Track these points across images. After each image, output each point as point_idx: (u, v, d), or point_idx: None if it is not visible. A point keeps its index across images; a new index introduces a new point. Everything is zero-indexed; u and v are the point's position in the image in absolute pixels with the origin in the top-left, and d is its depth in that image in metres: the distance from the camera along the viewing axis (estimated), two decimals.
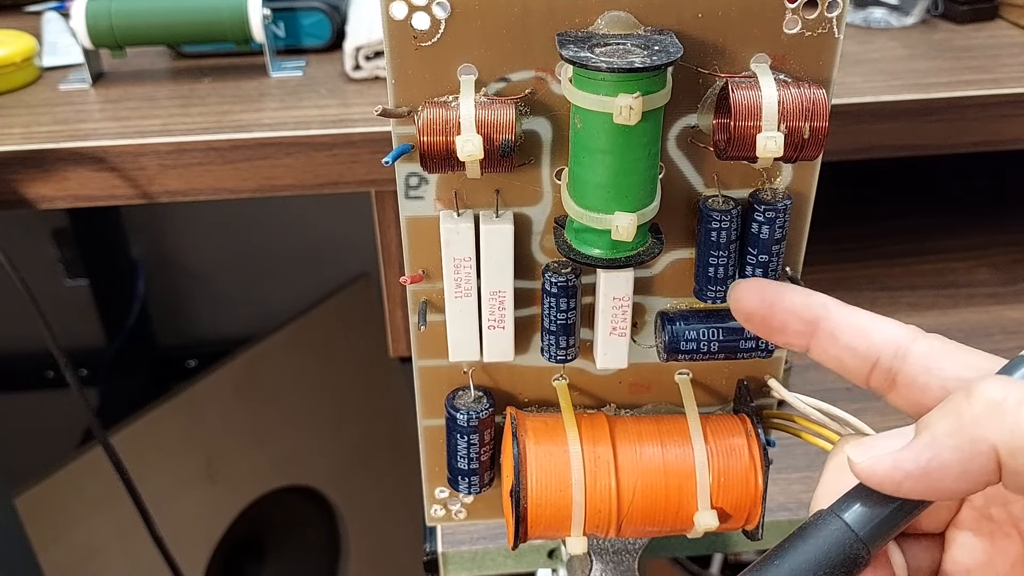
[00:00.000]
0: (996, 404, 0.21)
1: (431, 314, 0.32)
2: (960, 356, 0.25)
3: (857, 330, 0.26)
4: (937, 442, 0.22)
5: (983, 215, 0.72)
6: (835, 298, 0.27)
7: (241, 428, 1.03)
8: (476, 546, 0.46)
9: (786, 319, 0.27)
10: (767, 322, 0.27)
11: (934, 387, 0.24)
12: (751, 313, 0.27)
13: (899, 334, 0.25)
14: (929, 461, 0.22)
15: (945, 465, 0.21)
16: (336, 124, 0.49)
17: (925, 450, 0.22)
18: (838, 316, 0.26)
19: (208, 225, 1.16)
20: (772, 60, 0.28)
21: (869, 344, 0.25)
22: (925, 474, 0.22)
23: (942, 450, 0.22)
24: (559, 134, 0.29)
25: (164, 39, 0.56)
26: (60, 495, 0.91)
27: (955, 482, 0.21)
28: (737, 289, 0.28)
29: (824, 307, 0.26)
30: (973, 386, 0.22)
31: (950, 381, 0.24)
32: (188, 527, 0.97)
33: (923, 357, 0.25)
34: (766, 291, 0.27)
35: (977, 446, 0.21)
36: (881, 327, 0.26)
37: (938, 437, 0.22)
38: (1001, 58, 0.55)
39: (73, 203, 0.50)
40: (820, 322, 0.26)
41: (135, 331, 1.15)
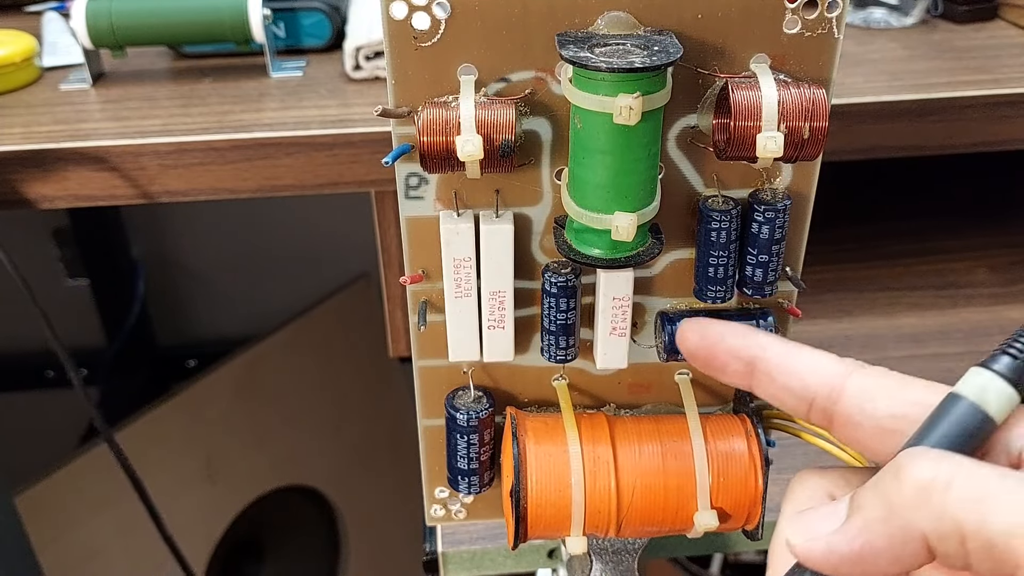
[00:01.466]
0: (923, 488, 0.21)
1: (431, 314, 0.32)
2: (894, 393, 0.24)
3: (791, 371, 0.26)
4: (868, 527, 0.22)
5: (983, 215, 0.72)
6: (776, 336, 0.27)
7: (241, 428, 1.03)
8: (476, 546, 0.46)
9: (726, 360, 0.27)
10: (708, 362, 0.28)
11: (868, 425, 0.24)
12: (692, 352, 0.28)
13: (832, 373, 0.25)
14: (861, 547, 0.22)
15: (877, 551, 0.21)
16: (336, 124, 0.49)
17: (857, 535, 0.22)
18: (774, 357, 0.26)
19: (208, 225, 1.16)
20: (772, 60, 0.28)
21: (803, 385, 0.26)
22: (859, 559, 0.22)
23: (873, 535, 0.21)
24: (559, 134, 0.29)
25: (164, 39, 0.56)
26: (60, 495, 0.91)
27: (889, 566, 0.21)
28: (682, 327, 0.28)
29: (761, 348, 0.27)
30: (902, 466, 0.21)
31: (884, 420, 0.24)
32: (188, 527, 0.97)
33: (856, 396, 0.25)
34: (707, 331, 0.28)
35: (907, 532, 0.21)
36: (815, 367, 0.26)
37: (869, 521, 0.22)
38: (1001, 58, 0.55)
39: (73, 203, 0.50)
40: (757, 363, 0.26)
41: (135, 331, 1.15)
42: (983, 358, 0.23)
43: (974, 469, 0.21)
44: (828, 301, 0.62)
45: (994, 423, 0.23)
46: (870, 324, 0.60)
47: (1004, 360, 0.23)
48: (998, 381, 0.23)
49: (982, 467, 0.21)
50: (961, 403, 0.23)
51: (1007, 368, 0.23)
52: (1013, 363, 0.23)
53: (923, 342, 0.58)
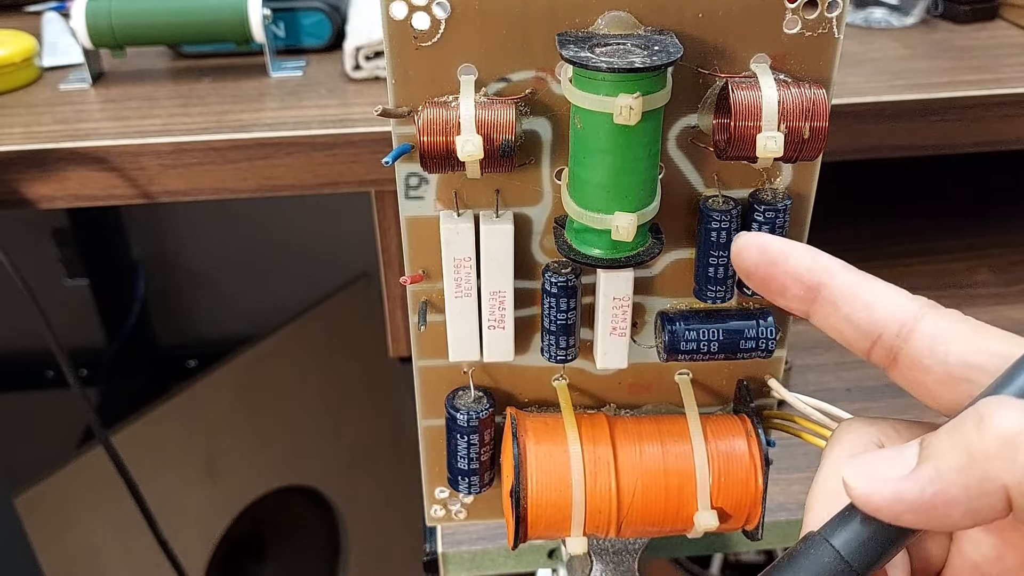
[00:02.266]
0: (1009, 440, 0.19)
1: (431, 314, 0.32)
2: (970, 340, 0.23)
3: (859, 302, 0.24)
4: (943, 476, 0.20)
5: (984, 215, 0.72)
6: (844, 263, 0.25)
7: (241, 428, 1.03)
8: (476, 546, 0.46)
9: (786, 282, 0.25)
10: (766, 283, 0.25)
11: (937, 371, 0.23)
12: (750, 270, 0.25)
13: (905, 310, 0.23)
14: (934, 496, 0.20)
15: (951, 501, 0.20)
16: (336, 124, 0.49)
17: (930, 483, 0.20)
18: (841, 284, 0.24)
19: (208, 225, 1.16)
20: (772, 60, 0.28)
21: (871, 319, 0.24)
22: (929, 508, 0.20)
23: (949, 485, 0.20)
24: (559, 134, 0.29)
25: (164, 39, 0.56)
26: (60, 495, 0.91)
27: (960, 518, 0.20)
28: (739, 240, 0.26)
29: (828, 272, 0.24)
30: (985, 414, 0.20)
31: (955, 367, 0.22)
32: (188, 527, 0.97)
33: (928, 338, 0.23)
34: (769, 248, 0.25)
35: (987, 485, 0.20)
36: (886, 301, 0.24)
37: (944, 471, 0.20)
38: (1002, 58, 0.55)
39: (73, 203, 0.50)
40: (821, 289, 0.24)
41: (135, 331, 1.15)
42: None
43: None
44: None
45: None
46: None
47: None
48: None
49: None
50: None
51: None
52: None
53: None
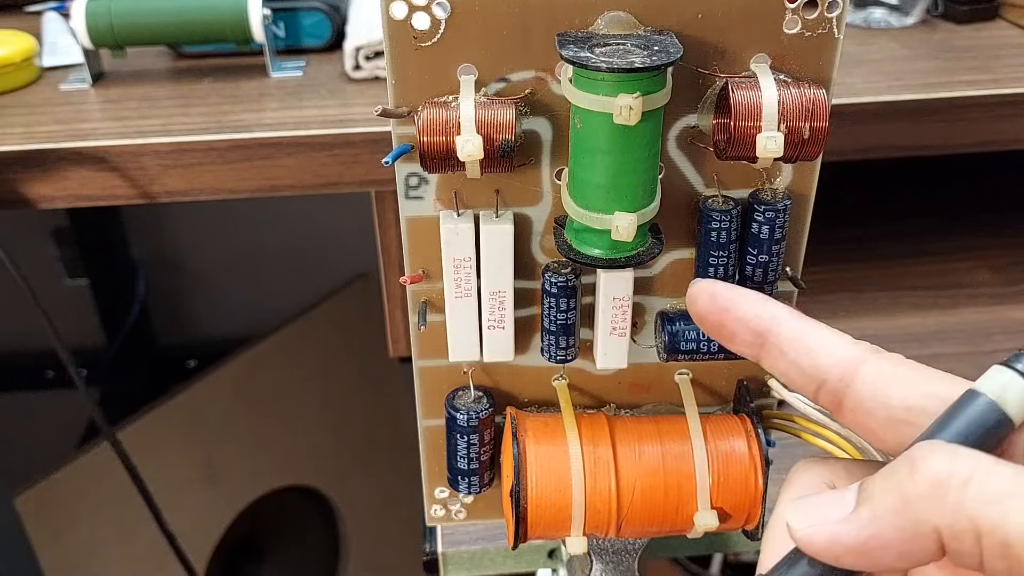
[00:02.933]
0: (939, 483, 0.20)
1: (431, 314, 0.32)
2: (911, 383, 0.23)
3: (804, 348, 0.25)
4: (878, 519, 0.21)
5: (984, 215, 0.72)
6: (791, 309, 0.26)
7: (241, 428, 1.03)
8: (476, 546, 0.46)
9: (735, 328, 0.26)
10: (717, 328, 0.26)
11: (880, 414, 0.23)
12: (701, 316, 0.27)
13: (847, 356, 0.24)
14: (869, 539, 0.21)
15: (886, 544, 0.21)
16: (336, 124, 0.49)
17: (866, 526, 0.21)
18: (787, 331, 0.25)
19: (208, 225, 1.16)
20: (772, 60, 0.28)
21: (815, 365, 0.24)
22: (865, 550, 0.21)
23: (883, 528, 0.21)
24: (559, 134, 0.29)
25: (164, 39, 0.56)
26: (60, 495, 0.91)
27: (895, 560, 0.21)
28: (693, 288, 0.27)
29: (775, 320, 0.25)
30: (918, 458, 0.21)
31: (897, 411, 0.23)
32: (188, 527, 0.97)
33: (870, 384, 0.24)
34: (719, 296, 0.26)
35: (919, 527, 0.20)
36: (828, 347, 0.24)
37: (879, 512, 0.21)
38: (1001, 58, 0.55)
39: (73, 203, 0.50)
40: (769, 335, 0.25)
41: (135, 331, 1.15)
42: (1004, 356, 0.23)
43: (993, 467, 0.20)
44: (828, 301, 0.62)
45: (1012, 424, 0.22)
46: (870, 324, 0.60)
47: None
48: (1020, 381, 0.22)
49: (1001, 465, 0.20)
50: (979, 400, 0.22)
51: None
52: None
53: (923, 342, 0.58)
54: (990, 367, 0.23)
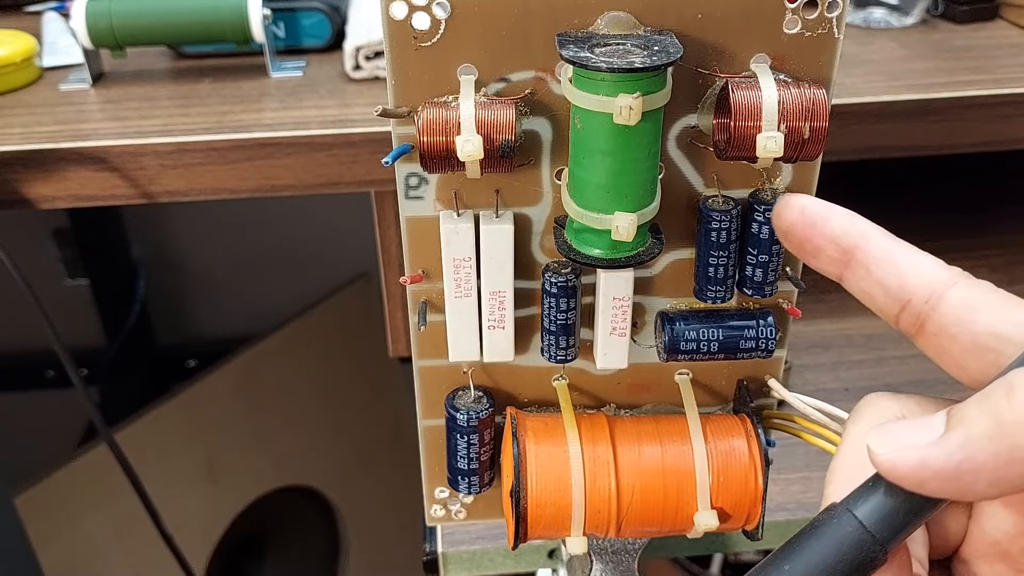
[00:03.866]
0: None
1: (431, 314, 0.32)
2: (1000, 310, 0.22)
3: (891, 267, 0.24)
4: (972, 443, 0.20)
5: (983, 215, 0.72)
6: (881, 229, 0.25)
7: (241, 428, 1.03)
8: (476, 546, 0.46)
9: (822, 243, 0.25)
10: (802, 243, 0.25)
11: (964, 340, 0.22)
12: (787, 231, 0.26)
13: (936, 277, 0.23)
14: (961, 463, 0.20)
15: (979, 469, 0.20)
16: (336, 124, 0.49)
17: (958, 450, 0.20)
18: (876, 249, 0.24)
19: (208, 225, 1.16)
20: (772, 60, 0.28)
21: (902, 284, 0.24)
22: (956, 476, 0.20)
23: (977, 452, 0.20)
24: (559, 134, 0.29)
25: (164, 39, 0.56)
26: (60, 495, 0.91)
27: (987, 487, 0.20)
28: (780, 202, 0.26)
29: (863, 236, 0.24)
30: (1016, 384, 0.20)
31: (983, 336, 0.22)
32: (188, 527, 0.97)
33: (957, 307, 0.23)
34: (808, 210, 0.25)
35: (1016, 453, 0.19)
36: (918, 267, 0.24)
37: (973, 438, 0.20)
38: (1001, 58, 0.55)
39: (73, 203, 0.50)
40: (856, 252, 0.24)
41: (135, 331, 1.15)
42: None
43: None
44: (828, 301, 0.62)
45: None
46: (870, 324, 0.60)
47: None
48: None
49: None
50: None
51: None
52: None
53: None
54: None
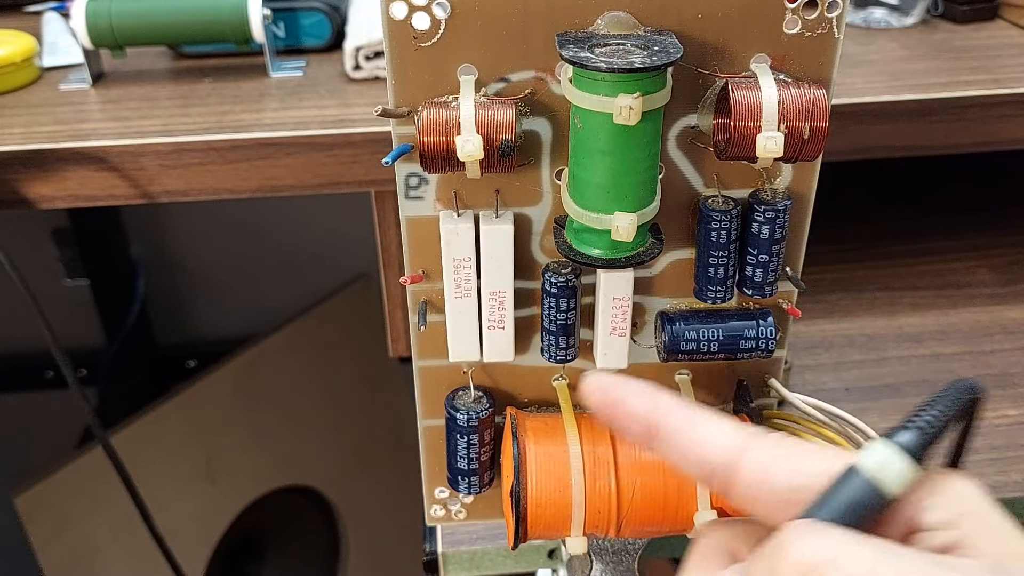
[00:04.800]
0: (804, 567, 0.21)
1: (431, 314, 0.32)
2: (791, 463, 0.24)
3: (690, 441, 0.26)
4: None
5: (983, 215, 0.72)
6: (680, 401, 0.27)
7: (241, 428, 1.03)
8: (476, 546, 0.46)
9: (626, 422, 0.27)
10: (611, 421, 0.27)
11: (766, 500, 0.24)
12: (595, 409, 0.27)
13: (729, 444, 0.25)
14: None
15: None
16: (336, 124, 0.49)
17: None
18: (675, 424, 0.26)
19: (208, 225, 1.16)
20: (772, 60, 0.28)
21: (702, 456, 0.25)
22: None
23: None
24: (559, 134, 0.29)
25: (164, 39, 0.56)
26: (60, 495, 0.91)
27: None
28: (584, 382, 0.27)
29: (662, 413, 0.26)
30: (785, 543, 0.22)
31: (781, 493, 0.24)
32: (188, 527, 0.97)
33: (753, 471, 0.25)
34: (609, 391, 0.27)
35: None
36: (712, 437, 0.25)
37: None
38: (1001, 58, 0.55)
39: (73, 203, 0.50)
40: (659, 428, 0.26)
41: (135, 331, 1.15)
42: (1001, 356, 0.23)
43: (857, 548, 0.21)
44: (828, 301, 0.62)
45: (892, 498, 0.22)
46: (870, 324, 0.60)
47: (906, 435, 0.23)
48: (898, 456, 0.22)
49: (866, 545, 0.21)
50: (859, 477, 0.22)
51: (909, 442, 0.23)
52: (915, 438, 0.23)
53: (923, 342, 0.58)
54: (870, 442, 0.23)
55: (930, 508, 0.23)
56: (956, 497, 0.23)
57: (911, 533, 0.23)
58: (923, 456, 0.23)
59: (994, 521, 0.22)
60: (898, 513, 0.23)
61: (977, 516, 0.22)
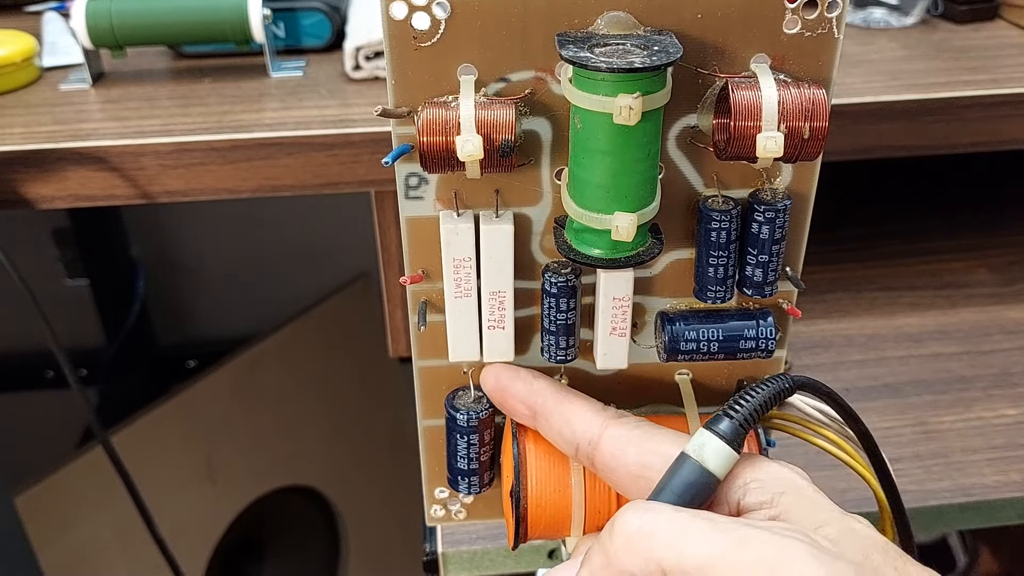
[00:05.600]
0: (630, 537, 0.24)
1: (431, 314, 0.32)
2: (641, 443, 0.28)
3: (560, 417, 0.29)
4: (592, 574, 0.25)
5: (982, 215, 0.72)
6: (557, 386, 0.31)
7: (241, 428, 1.03)
8: (476, 546, 0.46)
9: (514, 404, 0.31)
10: (501, 404, 0.32)
11: (621, 472, 0.28)
12: (489, 394, 0.32)
13: (593, 423, 0.29)
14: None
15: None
16: (336, 124, 0.49)
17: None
18: (550, 405, 0.30)
19: (208, 225, 1.16)
20: (772, 60, 0.28)
21: (571, 432, 0.29)
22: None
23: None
24: (559, 134, 0.29)
25: (164, 39, 0.56)
26: (60, 495, 0.91)
27: None
28: (484, 371, 0.32)
29: (541, 395, 0.30)
30: (616, 519, 0.24)
31: (632, 467, 0.27)
32: (188, 527, 0.97)
33: (610, 446, 0.28)
34: (500, 377, 0.31)
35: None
36: (579, 415, 0.29)
37: (593, 571, 0.25)
38: (1001, 58, 0.55)
39: (73, 203, 0.50)
40: (537, 408, 0.30)
41: (135, 331, 1.15)
42: (1000, 356, 0.25)
43: (672, 514, 0.24)
44: (828, 301, 0.62)
45: (716, 478, 0.26)
46: (870, 324, 0.60)
47: (723, 421, 0.26)
48: (715, 440, 0.26)
49: (679, 512, 0.24)
50: (688, 462, 0.26)
51: (725, 428, 0.26)
52: (730, 423, 0.26)
53: (922, 342, 0.58)
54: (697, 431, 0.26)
55: (752, 490, 0.26)
56: (774, 478, 0.26)
57: (738, 514, 0.26)
58: (739, 440, 0.26)
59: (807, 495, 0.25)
60: (725, 495, 0.26)
61: (792, 493, 0.25)
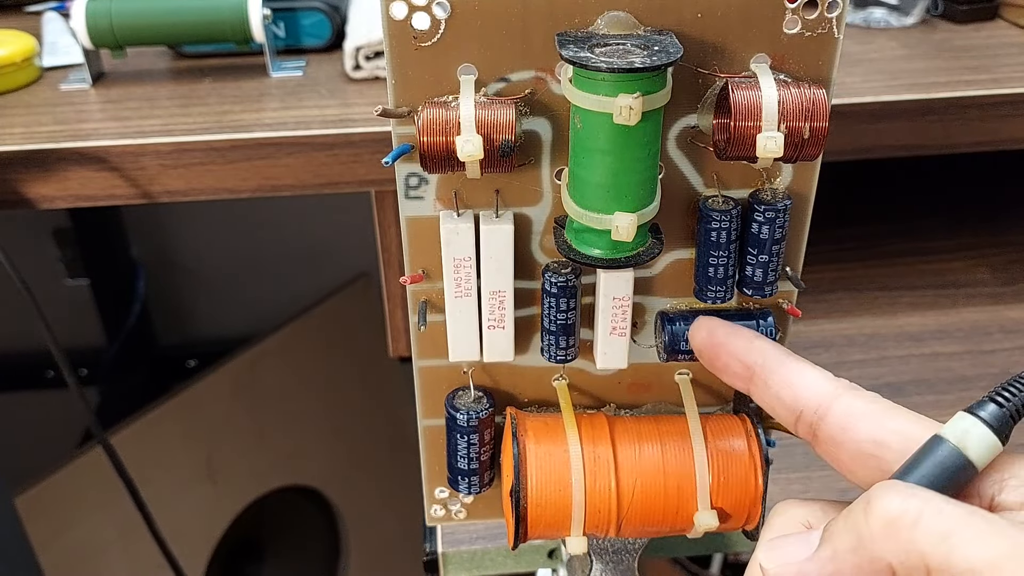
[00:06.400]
0: (891, 522, 0.21)
1: (431, 314, 0.32)
2: (879, 419, 0.25)
3: (785, 382, 0.27)
4: (838, 557, 0.22)
5: (983, 215, 0.72)
6: (779, 346, 0.28)
7: (241, 428, 1.03)
8: (476, 546, 0.46)
9: (728, 361, 0.29)
10: (712, 360, 0.29)
11: (849, 447, 0.25)
12: (699, 349, 0.30)
13: (823, 390, 0.26)
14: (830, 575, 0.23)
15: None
16: (336, 124, 0.49)
17: (828, 563, 0.23)
18: (772, 366, 0.27)
19: (208, 225, 1.16)
20: (772, 60, 0.28)
21: (794, 396, 0.26)
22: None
23: (842, 564, 0.22)
24: (559, 134, 0.29)
25: (164, 39, 0.56)
26: (60, 495, 0.91)
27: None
28: (694, 324, 0.30)
29: (762, 354, 0.28)
30: (873, 498, 0.22)
31: (864, 444, 0.25)
32: (188, 527, 0.97)
33: (841, 417, 0.25)
34: (716, 331, 0.29)
35: (875, 564, 0.22)
36: (808, 382, 0.26)
37: (839, 552, 0.22)
38: (1001, 58, 0.55)
39: (74, 203, 0.50)
40: (756, 369, 0.28)
41: (135, 331, 1.15)
42: (1000, 356, 0.24)
43: (942, 505, 0.21)
44: (828, 301, 0.62)
45: (975, 468, 0.23)
46: (870, 324, 0.60)
47: (990, 407, 0.23)
48: (981, 427, 0.23)
49: (950, 503, 0.21)
50: (944, 446, 0.23)
51: (992, 416, 0.23)
52: (999, 411, 0.23)
53: (923, 341, 0.58)
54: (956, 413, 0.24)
55: (1012, 487, 0.23)
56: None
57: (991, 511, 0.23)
58: (1006, 431, 0.23)
59: None
60: (978, 487, 0.23)
61: None
